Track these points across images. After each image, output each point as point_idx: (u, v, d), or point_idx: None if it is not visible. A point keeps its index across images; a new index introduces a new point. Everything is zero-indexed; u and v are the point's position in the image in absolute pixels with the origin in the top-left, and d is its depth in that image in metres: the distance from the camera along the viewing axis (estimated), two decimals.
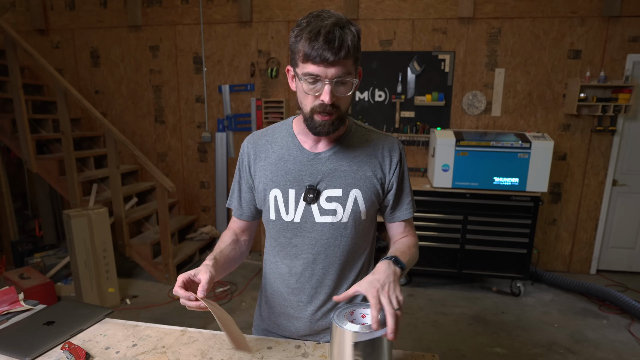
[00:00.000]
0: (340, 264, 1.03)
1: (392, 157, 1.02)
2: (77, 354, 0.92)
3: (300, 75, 0.87)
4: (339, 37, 0.82)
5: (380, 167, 1.01)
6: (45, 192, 4.13)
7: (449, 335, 2.77)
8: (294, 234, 1.02)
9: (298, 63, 0.87)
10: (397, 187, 1.03)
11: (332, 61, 0.83)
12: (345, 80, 0.87)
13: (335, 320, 0.78)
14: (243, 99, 4.06)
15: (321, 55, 0.82)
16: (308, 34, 0.83)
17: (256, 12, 3.85)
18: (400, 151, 1.04)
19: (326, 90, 0.85)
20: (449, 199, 3.33)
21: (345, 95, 0.89)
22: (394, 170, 1.02)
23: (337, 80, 0.86)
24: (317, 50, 0.82)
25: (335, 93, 0.87)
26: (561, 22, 3.46)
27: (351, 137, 1.02)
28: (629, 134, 3.59)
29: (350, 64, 0.86)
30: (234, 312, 3.03)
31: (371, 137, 1.04)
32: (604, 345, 2.67)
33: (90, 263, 3.00)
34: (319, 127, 0.91)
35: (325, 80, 0.85)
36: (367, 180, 1.00)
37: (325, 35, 0.82)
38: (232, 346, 0.88)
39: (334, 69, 0.84)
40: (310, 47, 0.83)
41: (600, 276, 3.77)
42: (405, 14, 3.65)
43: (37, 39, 4.21)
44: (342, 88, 0.88)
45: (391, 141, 1.04)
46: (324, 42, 0.82)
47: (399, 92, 3.77)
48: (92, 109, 3.35)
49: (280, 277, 1.08)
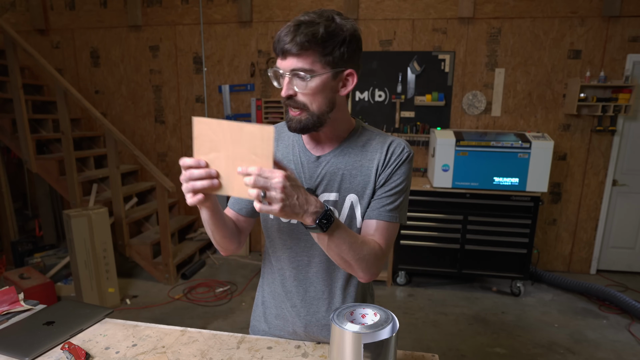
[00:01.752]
0: (336, 268, 1.02)
1: (392, 155, 0.95)
2: (77, 354, 0.92)
3: (269, 71, 0.89)
4: (303, 29, 0.80)
5: (382, 168, 0.95)
6: (45, 192, 4.13)
7: (449, 335, 2.77)
8: (290, 236, 1.01)
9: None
10: (383, 183, 0.95)
11: (285, 52, 0.83)
12: (298, 75, 0.84)
13: (334, 320, 0.78)
14: (243, 99, 4.06)
15: (277, 48, 0.84)
16: (283, 28, 0.85)
17: (256, 12, 3.85)
18: (402, 152, 0.96)
19: (284, 83, 0.86)
20: (449, 199, 3.33)
21: (303, 90, 0.85)
22: (388, 167, 0.95)
23: (293, 74, 0.84)
24: (278, 43, 0.83)
25: (295, 87, 0.86)
26: (561, 22, 3.46)
27: (355, 139, 0.98)
28: (629, 134, 3.59)
29: (313, 58, 0.83)
30: (234, 312, 3.03)
31: (376, 139, 0.98)
32: (604, 345, 2.67)
33: (90, 263, 3.00)
34: (289, 122, 0.91)
35: (284, 73, 0.85)
36: (367, 186, 0.96)
37: (287, 29, 0.82)
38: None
39: (288, 61, 0.84)
40: (276, 40, 0.84)
41: (600, 276, 3.77)
42: (405, 14, 3.65)
43: (37, 39, 4.21)
44: (297, 82, 0.85)
45: (397, 142, 0.97)
46: (285, 35, 0.82)
47: (399, 92, 3.77)
48: (92, 109, 3.35)
49: (277, 279, 1.07)
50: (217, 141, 0.75)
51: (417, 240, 3.41)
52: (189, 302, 3.20)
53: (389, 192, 0.95)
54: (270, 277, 1.10)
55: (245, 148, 0.74)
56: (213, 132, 0.75)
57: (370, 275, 0.92)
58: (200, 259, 3.99)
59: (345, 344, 0.75)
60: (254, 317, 1.19)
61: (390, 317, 0.79)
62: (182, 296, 3.29)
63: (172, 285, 3.49)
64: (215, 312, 3.04)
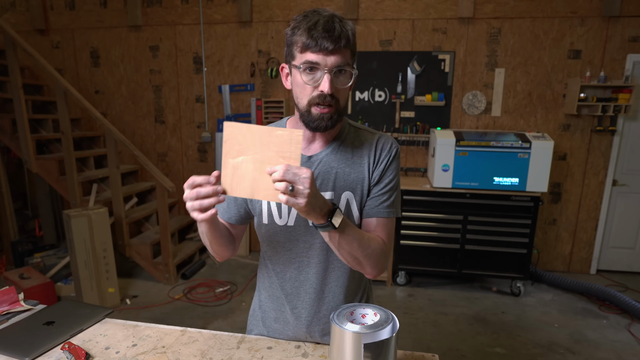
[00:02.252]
0: (336, 267, 1.01)
1: (382, 153, 0.98)
2: (77, 354, 0.92)
3: (298, 66, 0.85)
4: (337, 26, 0.82)
5: (374, 165, 0.98)
6: (45, 192, 4.13)
7: (449, 335, 2.77)
8: (288, 239, 1.00)
9: (295, 54, 0.86)
10: (377, 181, 0.98)
11: (332, 49, 0.82)
12: (345, 70, 0.86)
13: (335, 321, 0.78)
14: (243, 99, 4.06)
15: (321, 44, 0.82)
16: (307, 24, 0.83)
17: (256, 12, 3.85)
18: (391, 148, 0.99)
19: (325, 79, 0.84)
20: (449, 199, 3.33)
21: (344, 86, 0.87)
22: (379, 164, 0.98)
23: (336, 70, 0.85)
24: (317, 39, 0.81)
25: (335, 83, 0.86)
26: (561, 22, 3.47)
27: (345, 137, 1.00)
28: (629, 134, 3.59)
29: (349, 55, 0.86)
30: (234, 312, 3.03)
31: (365, 137, 1.00)
32: (604, 345, 2.67)
33: (90, 263, 3.00)
34: (317, 121, 0.88)
35: (324, 69, 0.84)
36: (360, 183, 0.97)
37: (324, 24, 0.82)
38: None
39: (334, 58, 0.83)
40: (309, 35, 0.82)
41: (600, 276, 3.77)
42: (405, 14, 3.65)
43: (37, 39, 4.21)
44: (341, 78, 0.86)
45: (384, 139, 1.00)
46: (324, 31, 0.81)
47: (399, 92, 3.77)
48: (92, 109, 3.35)
49: (276, 282, 1.07)
50: (245, 145, 0.77)
51: (417, 240, 3.41)
52: (189, 302, 3.20)
53: (384, 189, 0.97)
54: (268, 281, 1.10)
55: (273, 151, 0.76)
56: (242, 135, 0.77)
57: (379, 270, 0.95)
58: (200, 259, 3.99)
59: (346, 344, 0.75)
60: (250, 322, 1.18)
61: (390, 317, 0.79)
62: (182, 296, 3.29)
63: (172, 285, 3.49)
64: (215, 312, 3.04)
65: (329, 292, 1.03)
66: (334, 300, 1.04)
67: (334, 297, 1.04)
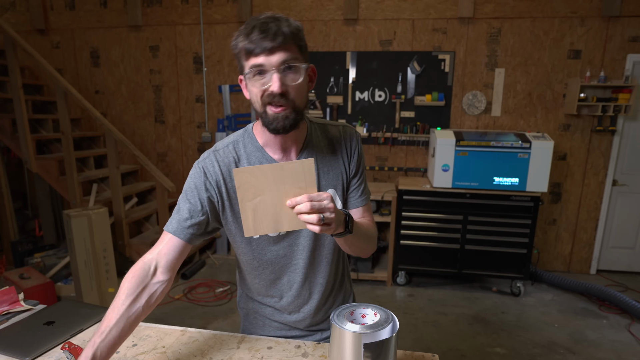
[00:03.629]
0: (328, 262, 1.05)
1: (351, 145, 1.03)
2: (77, 354, 0.92)
3: (247, 73, 0.85)
4: (273, 25, 0.82)
5: (348, 159, 1.03)
6: (45, 192, 4.13)
7: (449, 335, 2.77)
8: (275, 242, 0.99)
9: (243, 63, 0.86)
10: (354, 172, 1.04)
11: (272, 48, 0.81)
12: (293, 65, 0.84)
13: (334, 321, 0.78)
14: (243, 99, 4.06)
15: (260, 45, 0.81)
16: (244, 31, 0.84)
17: (256, 12, 3.85)
18: (356, 138, 1.05)
19: (274, 78, 0.83)
20: (449, 199, 3.33)
21: (296, 82, 0.85)
22: (352, 157, 1.03)
23: (284, 67, 0.83)
24: (255, 42, 0.82)
25: (285, 81, 0.84)
26: (561, 22, 3.47)
27: (312, 136, 1.00)
28: (629, 134, 3.59)
29: (295, 50, 0.84)
30: (234, 312, 3.03)
31: (331, 133, 1.03)
32: (604, 345, 2.67)
33: (90, 263, 3.00)
34: (274, 122, 0.86)
35: (271, 69, 0.83)
36: (339, 177, 1.01)
37: (259, 26, 0.82)
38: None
39: (277, 56, 0.82)
40: (248, 41, 0.82)
41: (600, 276, 3.77)
42: (405, 14, 3.66)
43: (37, 39, 4.21)
44: (290, 75, 0.85)
45: (349, 131, 1.05)
46: (260, 32, 0.81)
47: (399, 92, 3.77)
48: (92, 109, 3.35)
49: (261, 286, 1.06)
50: (259, 185, 0.78)
51: (417, 240, 3.41)
52: (189, 302, 3.20)
53: (360, 178, 1.05)
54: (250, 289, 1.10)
55: (288, 184, 0.78)
56: (255, 178, 0.78)
57: (373, 249, 1.06)
58: (200, 259, 3.99)
59: (346, 344, 0.75)
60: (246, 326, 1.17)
61: (390, 317, 0.79)
62: (182, 296, 3.29)
63: (172, 285, 3.49)
64: (215, 312, 3.04)
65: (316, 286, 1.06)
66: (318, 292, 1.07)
67: (326, 296, 1.08)
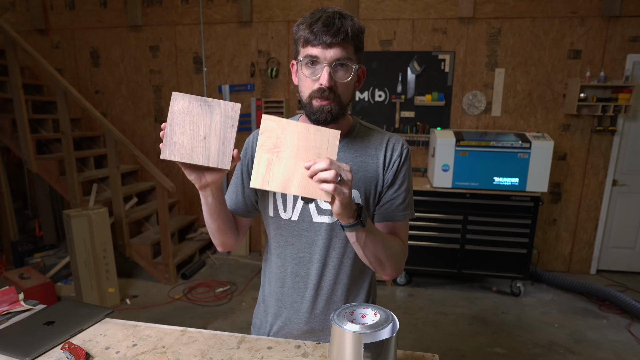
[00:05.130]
0: (336, 265, 1.02)
1: (393, 154, 0.99)
2: (77, 354, 0.92)
3: (300, 60, 0.89)
4: (338, 21, 0.85)
5: (382, 167, 0.98)
6: (45, 192, 4.13)
7: (449, 335, 2.77)
8: (291, 233, 1.01)
9: (299, 49, 0.90)
10: (390, 184, 0.99)
11: (330, 43, 0.85)
12: (345, 63, 0.87)
13: (335, 321, 0.78)
14: (243, 99, 4.06)
15: (319, 38, 0.85)
16: (309, 20, 0.87)
17: (256, 12, 3.85)
18: (402, 149, 1.00)
19: (324, 72, 0.86)
20: (449, 199, 3.33)
21: (344, 80, 0.89)
22: (391, 166, 0.99)
23: (335, 64, 0.87)
24: (316, 34, 0.85)
25: (334, 77, 0.88)
26: (561, 22, 3.47)
27: (354, 136, 1.01)
28: (629, 134, 3.59)
29: (351, 50, 0.88)
30: (234, 312, 3.03)
31: (375, 137, 1.01)
32: (604, 345, 2.67)
33: (90, 263, 3.00)
34: (317, 113, 0.90)
35: (323, 62, 0.86)
36: (368, 182, 0.98)
37: (324, 19, 0.85)
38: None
39: (332, 51, 0.85)
40: (309, 30, 0.85)
41: (600, 276, 3.77)
42: (405, 14, 3.66)
43: (37, 39, 4.21)
44: (340, 72, 0.88)
45: (395, 139, 1.01)
46: (323, 25, 0.84)
47: (399, 92, 3.77)
48: (92, 109, 3.35)
49: (277, 276, 1.08)
50: (282, 139, 0.78)
51: (417, 240, 3.41)
52: (189, 302, 3.20)
53: (398, 191, 0.99)
54: (269, 276, 1.11)
55: (309, 148, 0.77)
56: (280, 129, 0.78)
57: (397, 272, 0.98)
58: (200, 259, 3.99)
59: (346, 344, 0.75)
60: (255, 315, 1.19)
61: (390, 317, 0.79)
62: (182, 296, 3.29)
63: (172, 285, 3.49)
64: (215, 312, 3.04)
65: (328, 290, 1.04)
66: (332, 298, 1.04)
67: (332, 294, 1.04)
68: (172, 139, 0.80)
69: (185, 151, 0.81)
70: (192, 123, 0.80)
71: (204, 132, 0.81)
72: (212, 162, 0.82)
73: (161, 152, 0.81)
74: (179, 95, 0.79)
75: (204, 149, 0.81)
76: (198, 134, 0.81)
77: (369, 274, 1.09)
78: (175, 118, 0.80)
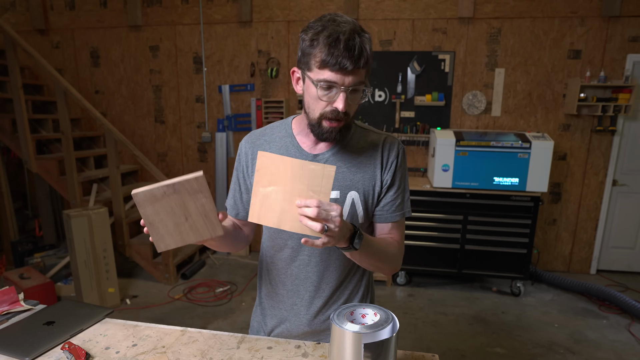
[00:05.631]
0: (336, 267, 1.02)
1: (390, 155, 0.99)
2: (77, 354, 0.92)
3: (314, 81, 0.85)
4: (358, 45, 0.81)
5: (380, 168, 0.99)
6: (45, 192, 4.13)
7: (449, 335, 2.77)
8: (290, 236, 1.01)
9: (312, 68, 0.85)
10: (389, 185, 1.00)
11: (351, 70, 0.82)
12: (359, 88, 0.87)
13: (334, 321, 0.78)
14: (243, 99, 4.06)
15: (340, 63, 0.81)
16: (327, 39, 0.81)
17: (256, 12, 3.85)
18: (398, 149, 1.01)
19: (341, 98, 0.84)
20: (449, 199, 3.33)
21: (357, 103, 0.90)
22: (389, 167, 0.99)
23: (354, 89, 0.86)
24: (337, 58, 0.81)
25: (349, 101, 0.87)
26: (561, 22, 3.46)
27: (351, 137, 1.00)
28: (629, 134, 3.59)
29: (364, 74, 0.87)
30: (234, 312, 3.03)
31: (371, 138, 1.01)
32: (604, 345, 2.67)
33: (90, 263, 3.00)
34: (327, 134, 0.90)
35: (341, 87, 0.84)
36: (366, 183, 0.98)
37: (345, 42, 0.80)
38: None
39: (351, 78, 0.83)
40: (329, 53, 0.81)
41: (600, 276, 3.77)
42: (405, 14, 3.65)
43: (37, 39, 4.21)
44: (355, 96, 0.88)
45: (390, 140, 1.02)
46: (345, 50, 0.80)
47: (399, 92, 3.77)
48: (92, 109, 3.35)
49: (275, 279, 1.08)
50: (277, 175, 0.78)
51: (417, 240, 3.41)
52: (189, 302, 3.20)
53: (397, 192, 1.01)
54: (266, 279, 1.11)
55: (304, 184, 0.77)
56: (275, 166, 0.78)
57: (394, 270, 1.02)
58: (200, 259, 3.99)
59: (346, 344, 0.75)
60: (253, 317, 1.19)
61: (390, 317, 0.79)
62: (182, 296, 3.29)
63: (172, 285, 3.49)
64: (215, 312, 3.04)
65: (327, 290, 1.04)
66: (331, 299, 1.05)
67: (331, 295, 1.04)
68: (158, 233, 0.81)
69: (176, 237, 0.82)
70: (167, 212, 0.80)
71: (184, 214, 0.81)
72: (204, 236, 0.84)
73: (155, 246, 0.82)
74: (140, 194, 0.77)
75: (191, 229, 0.82)
76: (179, 218, 0.81)
77: (366, 274, 1.10)
78: (150, 217, 0.80)
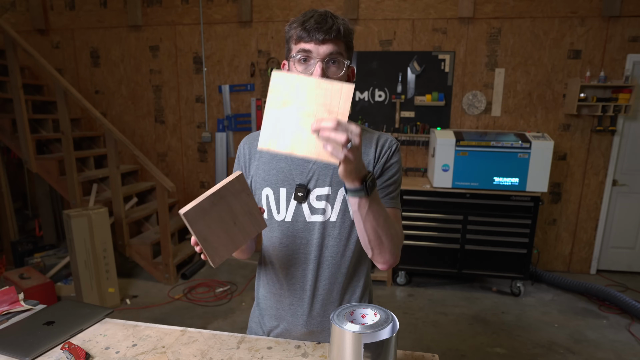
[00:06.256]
0: (331, 264, 1.02)
1: (382, 148, 0.99)
2: (77, 354, 0.92)
3: (294, 55, 0.90)
4: (330, 20, 0.88)
5: (373, 162, 0.98)
6: (45, 192, 4.13)
7: (449, 335, 2.77)
8: (285, 234, 1.01)
9: (291, 47, 0.91)
10: (380, 174, 0.98)
11: (323, 39, 0.87)
12: (337, 59, 0.89)
13: (334, 321, 0.78)
14: (243, 99, 4.06)
15: (312, 35, 0.87)
16: (301, 19, 0.90)
17: (256, 12, 3.85)
18: (390, 144, 0.99)
19: (317, 67, 0.88)
20: (449, 199, 3.33)
21: (336, 76, 0.90)
22: (381, 158, 0.98)
23: (328, 60, 0.89)
24: (309, 30, 0.87)
25: (327, 72, 0.89)
26: (561, 22, 3.47)
27: None
28: (629, 134, 3.59)
29: (342, 47, 0.90)
30: (234, 312, 3.03)
31: (365, 136, 1.00)
32: (604, 345, 2.67)
33: (90, 263, 3.00)
34: None
35: (316, 57, 0.88)
36: None
37: (316, 17, 0.88)
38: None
39: (325, 47, 0.87)
40: (302, 28, 0.88)
41: (600, 276, 3.77)
42: (405, 14, 3.66)
43: (37, 39, 4.21)
44: (333, 68, 0.90)
45: (384, 136, 1.01)
46: (315, 22, 0.87)
47: (399, 92, 3.77)
48: (92, 109, 3.35)
49: (273, 279, 1.07)
50: (291, 95, 0.74)
51: (417, 240, 3.41)
52: (189, 302, 3.20)
53: (388, 181, 0.98)
54: (265, 278, 1.11)
55: (320, 104, 0.72)
56: (290, 86, 0.74)
57: (395, 258, 0.94)
58: (200, 259, 3.98)
59: (346, 344, 0.75)
60: (251, 318, 1.19)
61: (390, 317, 0.79)
62: (182, 296, 3.29)
63: (172, 285, 3.49)
64: (215, 312, 3.04)
65: (325, 290, 1.03)
66: (329, 299, 1.04)
67: (329, 295, 1.04)
68: (212, 247, 0.80)
69: (229, 245, 0.82)
70: (217, 222, 0.80)
71: (232, 219, 0.81)
72: (252, 234, 0.85)
73: (210, 262, 0.81)
74: (190, 211, 0.75)
75: (240, 231, 0.83)
76: (228, 224, 0.81)
77: (364, 272, 1.09)
78: (203, 232, 0.79)
